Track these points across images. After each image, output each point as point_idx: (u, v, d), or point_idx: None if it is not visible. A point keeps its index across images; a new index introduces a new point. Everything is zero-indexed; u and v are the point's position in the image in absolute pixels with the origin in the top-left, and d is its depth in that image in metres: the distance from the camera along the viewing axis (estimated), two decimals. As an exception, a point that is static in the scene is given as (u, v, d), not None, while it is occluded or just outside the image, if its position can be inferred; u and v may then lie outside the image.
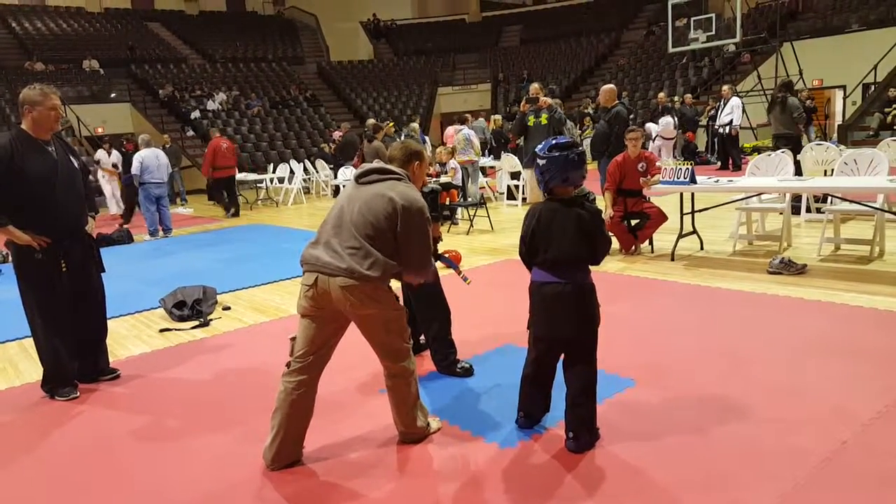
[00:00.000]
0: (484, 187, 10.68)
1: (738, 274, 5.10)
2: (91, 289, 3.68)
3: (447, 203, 8.57)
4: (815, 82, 16.64)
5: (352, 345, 2.95)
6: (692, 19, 17.38)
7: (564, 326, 2.59)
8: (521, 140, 9.23)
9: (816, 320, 3.92)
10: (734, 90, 12.65)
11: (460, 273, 3.46)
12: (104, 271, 3.79)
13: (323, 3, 29.23)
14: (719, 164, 12.59)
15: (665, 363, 3.41)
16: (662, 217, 5.87)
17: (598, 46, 24.33)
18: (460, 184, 8.93)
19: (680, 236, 5.88)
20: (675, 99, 15.23)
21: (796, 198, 6.79)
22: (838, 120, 17.12)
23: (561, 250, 2.57)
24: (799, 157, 7.30)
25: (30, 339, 3.77)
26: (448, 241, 6.83)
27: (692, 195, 5.90)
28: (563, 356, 2.69)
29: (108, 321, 3.86)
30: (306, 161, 15.29)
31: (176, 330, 4.78)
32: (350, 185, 2.73)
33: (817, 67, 16.44)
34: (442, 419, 2.94)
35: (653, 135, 12.82)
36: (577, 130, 12.69)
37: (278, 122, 20.15)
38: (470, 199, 8.93)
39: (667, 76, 19.62)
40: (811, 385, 3.03)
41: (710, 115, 13.55)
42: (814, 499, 2.20)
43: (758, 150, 12.29)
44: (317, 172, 14.49)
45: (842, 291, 4.43)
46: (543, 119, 7.82)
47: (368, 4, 29.30)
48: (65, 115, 14.17)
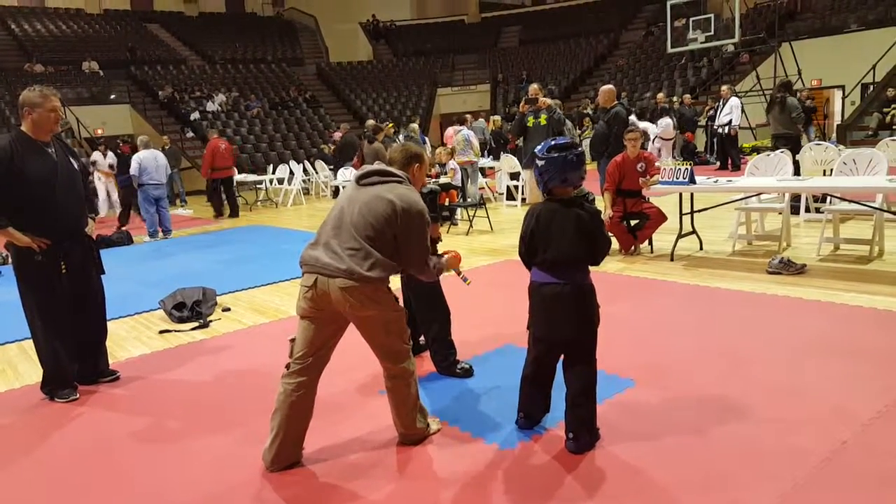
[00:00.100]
0: (483, 188, 10.68)
1: (738, 274, 5.11)
2: (91, 290, 3.68)
3: (446, 204, 8.57)
4: (814, 82, 16.65)
5: (351, 346, 2.95)
6: (691, 19, 17.42)
7: (564, 327, 2.59)
8: (520, 141, 9.24)
9: (816, 320, 3.92)
10: (733, 90, 12.65)
11: (460, 273, 3.46)
12: (104, 273, 3.79)
13: (322, 4, 29.24)
14: (718, 164, 12.60)
15: (665, 363, 3.41)
16: (662, 217, 5.88)
17: (597, 47, 24.34)
18: (460, 184, 8.93)
19: (679, 236, 5.89)
20: (674, 99, 15.24)
21: (795, 198, 6.80)
22: (837, 120, 17.13)
23: (560, 251, 2.57)
24: (798, 156, 7.30)
25: (29, 341, 3.77)
26: (447, 241, 6.82)
27: (691, 195, 5.90)
28: (562, 357, 2.69)
29: (107, 323, 3.86)
30: (306, 162, 15.30)
31: (175, 331, 4.78)
32: (350, 186, 2.73)
33: (816, 67, 16.46)
34: (442, 420, 2.94)
35: (651, 136, 12.78)
36: (576, 131, 12.69)
37: (278, 123, 20.16)
38: (469, 200, 8.93)
39: (666, 76, 19.63)
40: (811, 385, 3.03)
41: (708, 115, 13.57)
42: (814, 499, 2.20)
43: (757, 150, 12.30)
44: (316, 173, 14.50)
45: (841, 291, 4.43)
46: (543, 120, 7.82)
47: (367, 5, 29.30)
48: (64, 116, 14.15)
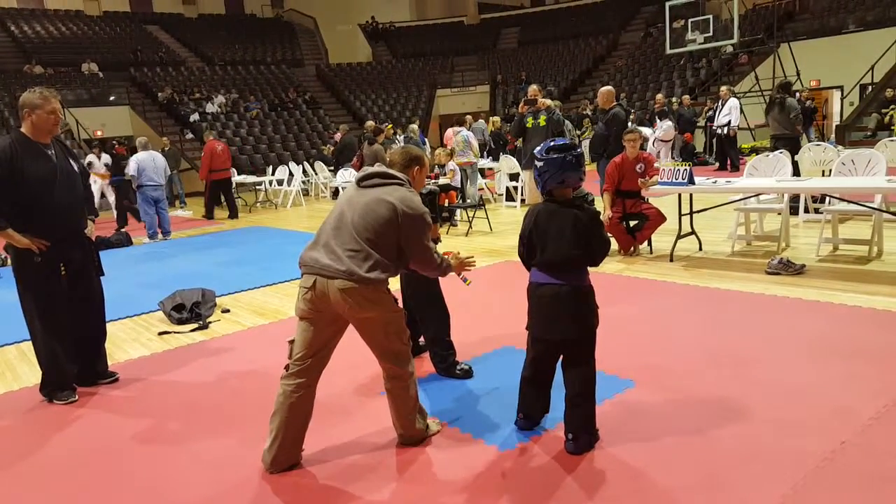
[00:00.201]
0: (483, 189, 10.69)
1: (737, 274, 5.11)
2: (90, 292, 3.68)
3: (446, 205, 8.57)
4: (813, 83, 16.68)
5: (351, 347, 2.95)
6: (690, 20, 17.43)
7: (562, 327, 2.59)
8: (519, 142, 9.26)
9: (815, 320, 3.92)
10: (732, 91, 12.67)
11: (460, 274, 3.46)
12: (103, 274, 3.79)
13: (321, 5, 29.27)
14: (717, 164, 12.61)
15: (664, 364, 3.41)
16: (661, 218, 5.88)
17: (596, 48, 24.37)
18: (459, 185, 8.93)
19: (678, 237, 5.89)
20: (674, 100, 15.26)
21: (794, 198, 6.80)
22: (836, 120, 17.15)
23: (558, 252, 2.57)
24: (797, 157, 7.31)
25: (28, 343, 3.76)
26: (447, 242, 6.83)
27: (690, 196, 5.91)
28: (562, 357, 2.69)
29: (106, 324, 3.86)
30: (305, 163, 15.30)
31: (175, 333, 4.77)
32: (351, 187, 2.73)
33: (814, 68, 16.48)
34: (441, 421, 2.94)
35: (650, 140, 12.71)
36: (576, 132, 12.67)
37: (277, 124, 20.18)
38: (469, 201, 8.93)
39: (664, 77, 19.65)
40: (810, 385, 3.03)
41: (707, 116, 13.58)
42: (813, 499, 2.20)
43: (756, 150, 12.31)
44: (316, 174, 14.49)
45: (840, 291, 4.43)
46: (542, 121, 7.83)
47: (367, 7, 29.33)
48: (64, 118, 14.16)
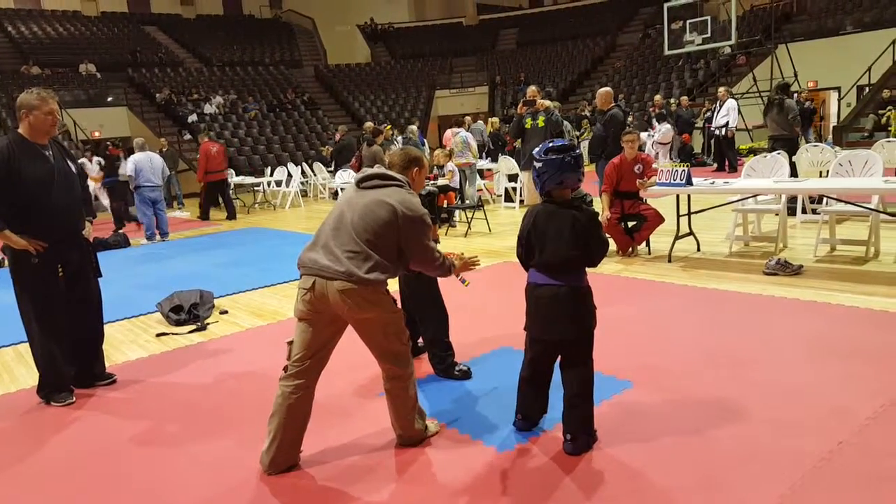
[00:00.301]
0: (481, 190, 10.69)
1: (735, 275, 5.12)
2: (88, 293, 3.67)
3: (445, 206, 8.58)
4: (810, 84, 16.71)
5: (350, 348, 2.95)
6: (688, 22, 17.47)
7: (560, 328, 2.59)
8: (518, 142, 9.26)
9: (813, 321, 3.93)
10: (730, 92, 12.69)
11: (459, 276, 3.46)
12: (101, 276, 3.78)
13: (320, 6, 29.26)
14: (715, 165, 12.63)
15: (662, 365, 3.41)
16: (659, 219, 5.89)
17: (595, 49, 24.40)
18: (458, 186, 8.94)
19: (676, 238, 5.90)
20: (672, 101, 15.28)
21: (792, 199, 6.81)
22: (833, 121, 17.19)
23: (556, 253, 2.57)
24: (794, 158, 7.33)
25: (26, 345, 3.76)
26: (446, 243, 6.83)
27: (688, 197, 5.91)
28: (560, 358, 2.69)
29: (104, 326, 3.85)
30: (304, 164, 15.30)
31: (173, 334, 4.77)
32: (351, 188, 2.73)
33: (812, 69, 16.51)
34: (440, 422, 2.94)
35: (647, 144, 12.72)
36: (575, 132, 12.68)
37: (276, 125, 20.17)
38: (467, 202, 8.94)
39: (663, 78, 19.68)
40: (808, 385, 3.03)
41: (706, 117, 13.60)
42: (811, 499, 2.20)
43: (754, 151, 12.33)
44: (314, 175, 14.49)
45: (837, 292, 4.44)
46: (541, 121, 7.84)
47: (366, 8, 29.33)
48: (61, 119, 14.14)
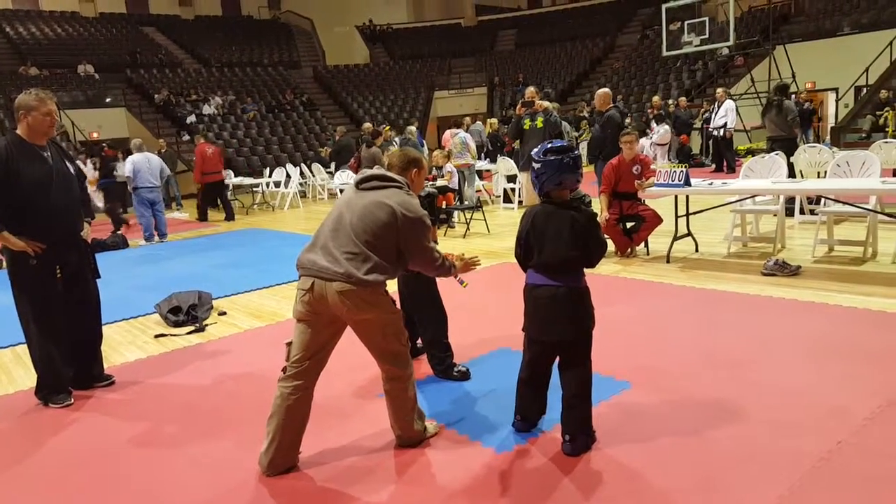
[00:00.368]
0: (480, 190, 10.69)
1: (733, 276, 5.12)
2: (86, 294, 3.67)
3: (443, 207, 8.57)
4: (808, 85, 16.74)
5: (349, 349, 2.95)
6: (686, 23, 17.49)
7: (559, 329, 2.60)
8: (517, 143, 9.27)
9: (811, 321, 3.93)
10: (728, 93, 12.71)
11: (457, 276, 3.46)
12: (99, 277, 3.77)
13: (319, 7, 29.26)
14: (714, 166, 12.64)
15: (661, 365, 3.42)
16: (657, 219, 5.89)
17: (593, 50, 24.43)
18: (456, 187, 8.94)
19: (675, 238, 5.90)
20: (670, 102, 15.30)
21: (790, 200, 6.82)
22: (831, 122, 17.22)
23: (555, 253, 2.57)
24: (792, 159, 7.34)
25: (24, 346, 3.75)
26: (444, 244, 6.83)
27: (687, 198, 5.92)
28: (558, 359, 2.69)
29: (102, 327, 3.85)
30: (302, 165, 15.30)
31: (171, 335, 4.76)
32: (350, 189, 2.73)
33: (810, 70, 16.53)
34: (439, 423, 2.94)
35: (645, 146, 12.67)
36: (574, 133, 12.68)
37: (274, 126, 20.16)
38: (466, 203, 8.94)
39: (661, 79, 19.71)
40: (806, 386, 3.04)
41: (704, 118, 13.62)
42: (810, 500, 2.20)
43: (752, 152, 12.34)
44: (313, 176, 14.49)
45: (835, 292, 4.45)
46: (539, 122, 7.86)
47: (364, 9, 29.34)
48: (60, 120, 14.14)
